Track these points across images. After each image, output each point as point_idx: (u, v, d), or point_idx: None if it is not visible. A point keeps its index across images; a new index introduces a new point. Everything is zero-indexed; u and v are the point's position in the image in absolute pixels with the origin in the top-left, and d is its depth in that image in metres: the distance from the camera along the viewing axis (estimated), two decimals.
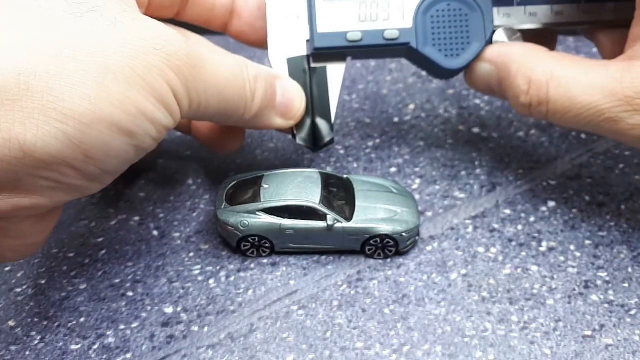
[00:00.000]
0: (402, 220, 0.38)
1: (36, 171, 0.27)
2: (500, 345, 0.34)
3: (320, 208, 0.38)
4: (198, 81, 0.31)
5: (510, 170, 0.46)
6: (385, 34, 0.39)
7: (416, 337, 0.34)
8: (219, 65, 0.33)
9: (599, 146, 0.48)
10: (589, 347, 0.34)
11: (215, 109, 0.33)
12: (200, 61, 0.31)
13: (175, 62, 0.30)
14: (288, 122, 0.39)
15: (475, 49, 0.39)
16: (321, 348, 0.34)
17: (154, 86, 0.29)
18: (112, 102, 0.27)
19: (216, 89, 0.33)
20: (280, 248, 0.39)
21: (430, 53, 0.39)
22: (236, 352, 0.34)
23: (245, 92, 0.35)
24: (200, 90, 0.31)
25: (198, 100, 0.32)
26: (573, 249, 0.40)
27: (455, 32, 0.39)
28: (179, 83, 0.30)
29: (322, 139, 0.41)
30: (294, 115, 0.39)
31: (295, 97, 0.39)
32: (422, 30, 0.39)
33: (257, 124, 0.38)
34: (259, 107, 0.36)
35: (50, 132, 0.26)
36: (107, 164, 0.29)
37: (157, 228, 0.42)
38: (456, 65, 0.40)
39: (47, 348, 0.34)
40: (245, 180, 0.41)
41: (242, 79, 0.34)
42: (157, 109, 0.29)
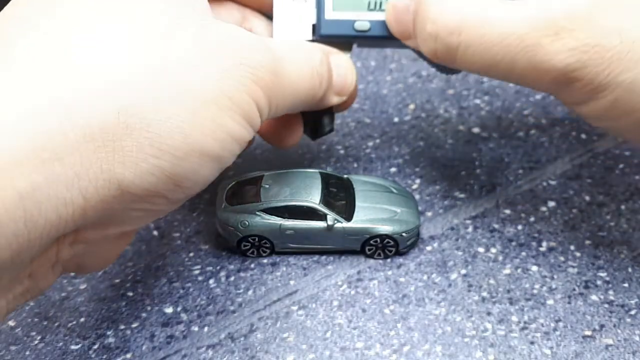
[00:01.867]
0: (402, 220, 0.38)
1: (131, 205, 0.27)
2: (500, 345, 0.34)
3: (320, 208, 0.38)
4: (279, 89, 0.30)
5: (510, 170, 0.46)
6: None
7: (416, 337, 0.34)
8: (295, 65, 0.32)
9: (599, 146, 0.48)
10: (589, 347, 0.34)
11: (290, 107, 0.33)
12: (280, 68, 0.30)
13: (260, 74, 0.29)
14: (342, 98, 0.38)
15: None
16: (321, 348, 0.34)
17: (240, 105, 0.28)
18: (203, 130, 0.27)
19: (293, 90, 0.32)
20: (280, 248, 0.39)
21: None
22: (236, 352, 0.34)
23: (313, 86, 0.34)
24: (279, 96, 0.31)
25: (276, 106, 0.31)
26: (573, 249, 0.40)
27: None
28: (263, 95, 0.29)
29: (322, 127, 0.40)
30: (348, 90, 0.38)
31: (348, 71, 0.38)
32: None
33: (318, 106, 0.37)
34: (323, 91, 0.35)
35: (147, 169, 0.26)
36: (194, 190, 0.29)
37: (157, 228, 0.42)
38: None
39: (47, 348, 0.34)
40: (245, 180, 0.41)
41: (313, 71, 0.34)
42: (242, 127, 0.29)
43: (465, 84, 0.56)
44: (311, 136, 0.40)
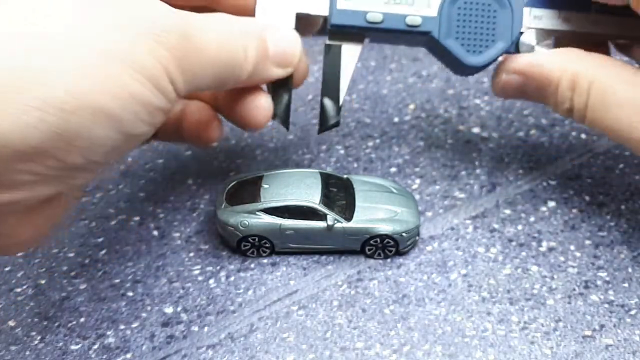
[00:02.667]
0: (402, 220, 0.38)
1: (15, 164, 0.25)
2: (500, 345, 0.34)
3: (320, 208, 0.38)
4: (192, 55, 0.29)
5: (510, 170, 0.46)
6: (408, 19, 0.37)
7: (416, 337, 0.34)
8: (211, 33, 0.31)
9: (599, 146, 0.48)
10: (589, 347, 0.34)
11: (212, 77, 0.32)
12: (193, 33, 0.29)
13: (167, 37, 0.28)
14: (287, 70, 0.37)
15: (500, 48, 0.38)
16: (321, 348, 0.34)
17: (144, 66, 0.27)
18: (95, 86, 0.26)
19: (210, 57, 0.31)
20: (280, 248, 0.39)
21: (452, 46, 0.38)
22: (236, 352, 0.34)
23: (238, 54, 0.33)
24: (195, 64, 0.30)
25: (193, 75, 0.30)
26: (573, 249, 0.40)
27: (481, 27, 0.38)
28: (172, 60, 0.28)
29: (327, 120, 0.39)
30: (292, 61, 0.36)
31: (290, 42, 0.36)
32: (447, 21, 0.37)
33: (256, 80, 0.36)
34: (253, 63, 0.34)
35: (29, 122, 0.24)
36: (93, 153, 0.27)
37: (157, 228, 0.42)
38: (477, 62, 0.38)
39: (47, 348, 0.34)
40: (245, 180, 0.41)
41: (234, 40, 0.33)
42: (147, 89, 0.28)
43: (465, 84, 0.56)
44: (285, 126, 0.39)
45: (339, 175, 0.41)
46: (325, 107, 0.39)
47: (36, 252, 0.40)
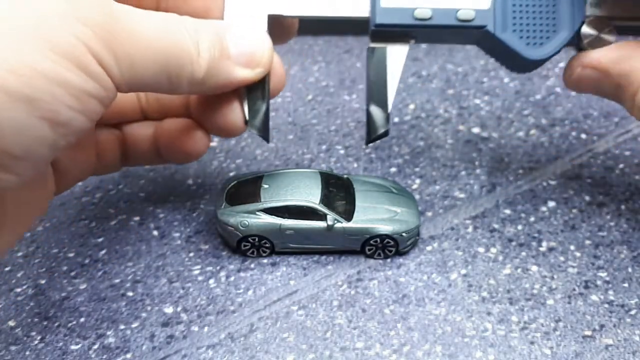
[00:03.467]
0: (402, 220, 0.38)
1: None
2: (500, 345, 0.34)
3: (320, 208, 0.38)
4: (123, 35, 0.27)
5: (510, 170, 0.46)
6: (459, 13, 0.34)
7: (416, 337, 0.34)
8: (148, 19, 0.29)
9: (599, 146, 0.48)
10: (589, 347, 0.34)
11: (156, 67, 0.29)
12: (123, 15, 0.27)
13: (91, 17, 0.26)
14: (256, 71, 0.34)
15: (563, 38, 0.35)
16: (321, 348, 0.34)
17: (61, 45, 0.25)
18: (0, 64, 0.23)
19: (148, 42, 0.29)
20: (280, 248, 0.39)
21: (510, 39, 0.35)
22: (236, 352, 0.34)
23: (186, 45, 0.31)
24: (127, 45, 0.27)
25: (128, 59, 0.28)
26: (573, 249, 0.40)
27: (541, 17, 0.35)
28: (97, 40, 0.26)
29: (375, 130, 0.36)
30: (260, 61, 0.34)
31: (255, 41, 0.34)
32: (502, 13, 0.35)
33: (219, 82, 0.34)
34: (208, 59, 0.32)
35: None
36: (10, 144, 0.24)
37: (157, 228, 0.42)
38: (539, 56, 0.35)
39: (47, 348, 0.34)
40: (245, 180, 0.41)
41: (179, 31, 0.31)
42: (65, 68, 0.25)
43: (465, 84, 0.56)
44: (265, 138, 0.36)
45: (339, 175, 0.41)
46: (373, 116, 0.36)
47: (36, 252, 0.40)
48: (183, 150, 0.38)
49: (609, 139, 0.49)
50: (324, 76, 0.58)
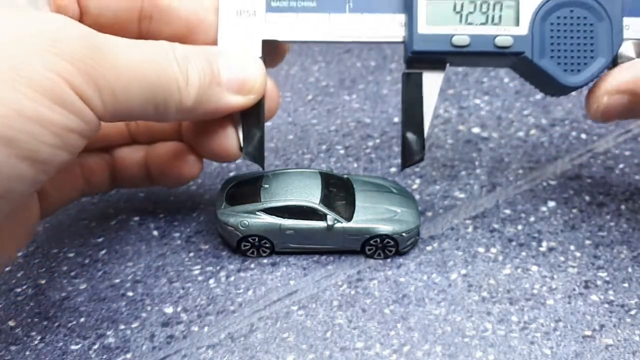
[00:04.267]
0: (402, 220, 0.38)
1: None
2: (500, 345, 0.34)
3: (320, 208, 0.38)
4: (106, 68, 0.27)
5: (510, 170, 0.46)
6: (497, 40, 0.34)
7: (416, 337, 0.34)
8: (133, 49, 0.29)
9: (599, 146, 0.48)
10: (589, 347, 0.34)
11: (141, 98, 0.29)
12: (105, 46, 0.27)
13: (70, 50, 0.25)
14: (248, 98, 0.34)
15: (600, 64, 0.35)
16: (321, 348, 0.34)
17: (40, 82, 0.24)
18: None
19: (132, 73, 0.28)
20: (280, 248, 0.39)
21: (548, 66, 0.35)
22: (236, 352, 0.34)
23: (173, 73, 0.30)
24: (110, 78, 0.27)
25: (111, 92, 0.27)
26: (573, 249, 0.40)
27: (578, 43, 0.34)
28: (78, 74, 0.26)
29: (411, 156, 0.36)
30: (252, 87, 0.34)
31: (248, 67, 0.34)
32: (540, 39, 0.34)
33: (210, 109, 0.33)
34: (197, 87, 0.32)
35: None
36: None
37: (157, 228, 0.42)
38: (576, 82, 0.35)
39: (47, 348, 0.34)
40: (245, 180, 0.41)
41: (166, 59, 0.30)
42: (48, 108, 0.25)
43: (465, 84, 0.56)
44: (260, 164, 0.36)
45: (339, 175, 0.41)
46: (409, 142, 0.36)
47: (36, 252, 0.40)
48: (175, 175, 0.38)
49: (609, 139, 0.49)
50: (324, 76, 0.58)
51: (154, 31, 0.35)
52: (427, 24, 0.34)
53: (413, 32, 0.34)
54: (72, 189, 0.38)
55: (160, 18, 0.34)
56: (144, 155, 0.39)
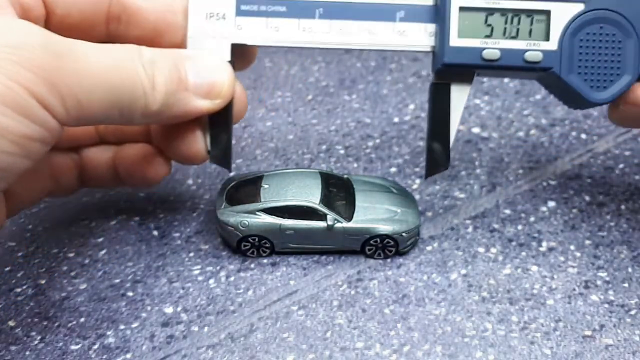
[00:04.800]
0: (402, 220, 0.38)
1: None
2: (500, 345, 0.34)
3: (320, 208, 0.38)
4: (68, 75, 0.27)
5: (510, 170, 0.46)
6: (527, 55, 0.35)
7: (416, 337, 0.34)
8: (97, 54, 0.28)
9: (599, 146, 0.48)
10: (589, 347, 0.34)
11: (105, 103, 0.29)
12: (68, 51, 0.27)
13: (32, 58, 0.25)
14: (215, 102, 0.34)
15: (626, 82, 0.35)
16: (321, 348, 0.34)
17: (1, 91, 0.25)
18: None
19: (96, 80, 0.28)
20: (280, 248, 0.39)
21: (575, 82, 0.35)
22: (236, 352, 0.34)
23: (138, 78, 0.30)
24: (73, 85, 0.27)
25: (74, 99, 0.27)
26: (573, 249, 0.40)
27: (606, 60, 0.35)
28: (39, 81, 0.25)
29: (436, 166, 0.37)
30: (220, 92, 0.34)
31: (216, 72, 0.34)
32: (568, 55, 0.35)
33: (177, 113, 0.33)
34: (164, 92, 0.31)
35: None
36: None
37: (157, 228, 0.42)
38: (602, 99, 0.35)
39: (47, 348, 0.34)
40: (245, 180, 0.41)
41: (132, 63, 0.30)
42: (8, 117, 0.25)
43: None
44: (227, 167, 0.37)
45: (339, 175, 0.41)
46: (435, 152, 0.37)
47: (36, 252, 0.40)
48: (143, 176, 0.38)
49: (609, 139, 0.49)
50: (324, 76, 0.58)
51: (122, 33, 0.35)
52: (459, 36, 0.34)
53: (445, 44, 0.34)
54: (39, 188, 0.37)
55: (129, 20, 0.35)
56: (112, 156, 0.39)
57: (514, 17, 0.35)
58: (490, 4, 0.35)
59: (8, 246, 0.41)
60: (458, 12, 0.34)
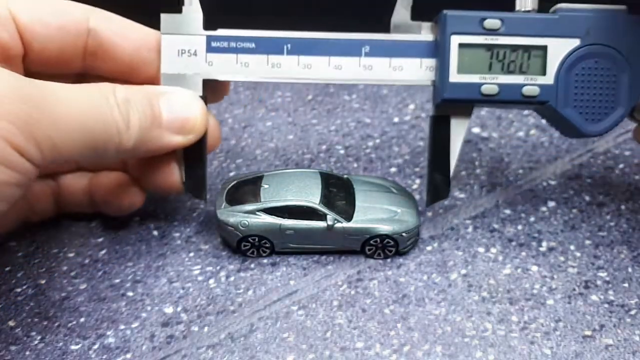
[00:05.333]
0: (402, 220, 0.38)
1: None
2: (500, 345, 0.34)
3: (320, 208, 0.38)
4: (44, 121, 0.28)
5: (510, 170, 0.46)
6: (524, 89, 0.36)
7: (416, 337, 0.34)
8: (72, 98, 0.29)
9: (599, 146, 0.48)
10: (589, 347, 0.34)
11: (80, 145, 0.30)
12: (43, 98, 0.28)
13: (10, 109, 0.26)
14: (188, 137, 0.35)
15: (619, 115, 0.36)
16: (321, 348, 0.34)
17: None
18: None
19: (72, 124, 0.29)
20: (281, 248, 0.39)
21: (571, 115, 0.36)
22: (236, 352, 0.34)
23: (112, 118, 0.31)
24: (49, 130, 0.28)
25: (50, 143, 0.28)
26: (573, 249, 0.40)
27: (601, 93, 0.36)
28: (17, 131, 0.26)
29: (438, 195, 0.38)
30: (192, 127, 0.35)
31: (189, 108, 0.35)
32: (564, 89, 0.36)
33: (151, 148, 0.34)
34: (138, 131, 0.33)
35: None
36: None
37: (157, 228, 0.42)
38: (596, 131, 0.36)
39: (47, 348, 0.34)
40: (245, 180, 0.41)
41: (106, 105, 0.31)
42: None
43: None
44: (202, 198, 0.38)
45: (339, 175, 0.41)
46: (436, 182, 0.38)
47: (36, 252, 0.40)
48: (118, 205, 0.39)
49: (609, 139, 0.49)
50: None
51: (97, 67, 0.36)
52: (459, 72, 0.35)
53: (445, 80, 0.35)
54: (15, 215, 0.38)
55: (104, 55, 0.36)
56: (88, 183, 0.40)
57: (512, 52, 0.36)
58: (489, 41, 0.35)
59: (8, 246, 0.41)
60: (458, 49, 0.35)
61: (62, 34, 0.34)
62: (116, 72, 0.37)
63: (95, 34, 0.35)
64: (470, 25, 0.35)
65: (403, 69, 0.37)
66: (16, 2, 0.33)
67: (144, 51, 0.36)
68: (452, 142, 0.37)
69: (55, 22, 0.34)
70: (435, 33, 0.36)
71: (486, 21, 0.35)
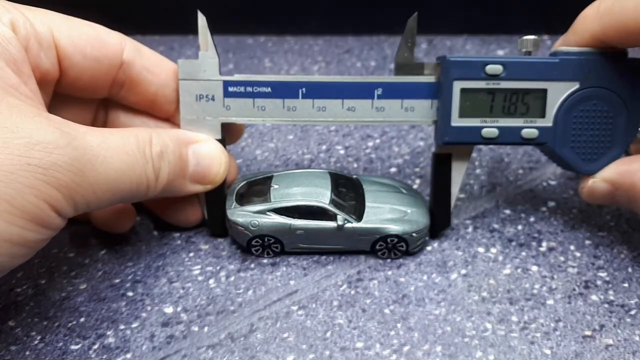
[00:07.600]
0: (412, 221, 0.38)
1: None
2: (500, 345, 0.34)
3: (330, 208, 0.38)
4: (85, 186, 0.29)
5: (510, 170, 0.46)
6: (524, 132, 0.36)
7: (416, 337, 0.34)
8: (110, 158, 0.30)
9: None
10: (589, 347, 0.34)
11: (110, 200, 0.31)
12: (87, 163, 0.29)
13: (56, 175, 0.27)
14: (206, 187, 0.38)
15: (615, 154, 0.37)
16: (321, 348, 0.34)
17: (25, 209, 0.26)
18: None
19: (108, 185, 0.30)
20: (290, 248, 0.39)
21: (568, 155, 0.37)
22: (236, 352, 0.34)
23: (145, 174, 0.33)
24: (87, 194, 0.29)
25: (85, 203, 0.29)
26: (573, 249, 0.40)
27: (597, 134, 0.37)
28: (60, 196, 0.28)
29: (439, 227, 0.40)
30: (212, 179, 0.37)
31: (213, 162, 0.37)
32: (562, 130, 0.36)
33: (169, 195, 0.36)
34: (165, 183, 0.34)
35: None
36: None
37: (157, 228, 0.42)
38: (592, 170, 0.37)
39: (47, 348, 0.34)
40: (255, 180, 0.41)
41: (142, 160, 0.32)
42: (27, 230, 0.27)
43: None
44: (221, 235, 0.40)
45: (348, 175, 0.41)
46: (438, 215, 0.39)
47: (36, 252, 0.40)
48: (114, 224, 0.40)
49: None
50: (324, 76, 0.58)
51: (122, 97, 0.38)
52: (460, 116, 0.36)
53: (447, 124, 0.36)
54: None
55: (130, 87, 0.37)
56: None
57: (513, 95, 0.36)
58: (490, 85, 0.36)
59: None
60: (460, 94, 0.36)
61: (97, 65, 0.35)
62: (139, 104, 0.38)
63: (127, 67, 0.36)
64: (473, 71, 0.36)
65: (415, 110, 0.38)
66: (60, 28, 0.34)
67: (168, 90, 0.38)
68: (453, 179, 0.39)
69: (94, 53, 0.35)
70: (438, 73, 0.37)
71: (488, 67, 0.36)
